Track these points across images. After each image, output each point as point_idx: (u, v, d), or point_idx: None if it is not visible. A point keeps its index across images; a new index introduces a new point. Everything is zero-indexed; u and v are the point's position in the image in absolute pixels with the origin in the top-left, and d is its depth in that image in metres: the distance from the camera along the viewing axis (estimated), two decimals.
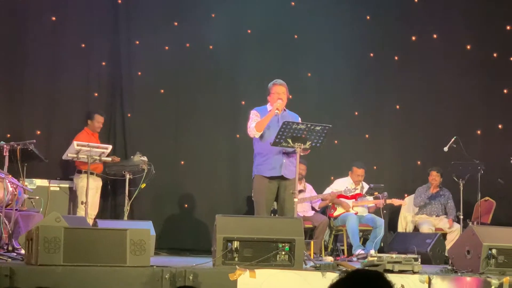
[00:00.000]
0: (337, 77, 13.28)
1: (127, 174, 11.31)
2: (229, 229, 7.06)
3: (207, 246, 9.77)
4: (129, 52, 12.66)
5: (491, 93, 13.63)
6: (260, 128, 8.74)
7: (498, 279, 7.20)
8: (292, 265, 7.00)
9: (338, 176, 12.07)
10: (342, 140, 13.14)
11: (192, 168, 12.68)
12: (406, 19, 13.70)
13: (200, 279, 6.47)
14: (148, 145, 12.19)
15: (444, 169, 12.30)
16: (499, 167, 11.87)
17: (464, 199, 11.80)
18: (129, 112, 12.58)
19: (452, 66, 13.57)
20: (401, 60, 13.69)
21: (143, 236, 6.68)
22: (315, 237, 11.14)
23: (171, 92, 12.82)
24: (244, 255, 6.97)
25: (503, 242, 7.83)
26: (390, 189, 11.94)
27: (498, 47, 13.70)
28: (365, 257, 9.04)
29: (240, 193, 12.65)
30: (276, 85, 8.97)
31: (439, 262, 10.50)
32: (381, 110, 13.61)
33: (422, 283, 6.99)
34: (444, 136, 12.19)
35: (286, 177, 8.71)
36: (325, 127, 8.39)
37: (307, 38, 13.32)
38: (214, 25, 12.83)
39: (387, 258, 7.20)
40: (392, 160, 13.56)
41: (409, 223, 12.56)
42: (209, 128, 12.78)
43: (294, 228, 7.23)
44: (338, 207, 11.67)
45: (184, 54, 12.86)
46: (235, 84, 13.10)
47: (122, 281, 6.33)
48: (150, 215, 11.46)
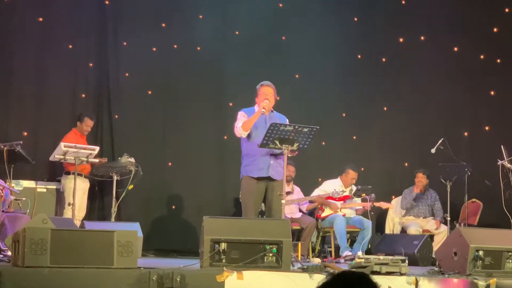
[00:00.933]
0: (325, 78, 13.29)
1: (115, 176, 11.28)
2: (217, 230, 7.06)
3: (194, 247, 9.76)
4: (117, 53, 12.63)
5: (478, 95, 13.67)
6: (246, 127, 8.74)
7: (485, 281, 7.22)
8: (280, 267, 7.00)
9: (326, 178, 12.08)
10: (330, 141, 13.15)
11: (180, 170, 12.66)
12: (394, 21, 13.72)
13: (187, 280, 6.46)
14: (135, 146, 12.16)
15: (431, 170, 12.33)
16: (486, 168, 11.89)
17: (451, 201, 11.82)
18: (117, 113, 12.55)
19: (439, 68, 13.61)
20: (389, 62, 13.72)
21: (130, 237, 6.67)
22: (302, 238, 11.14)
23: (159, 93, 12.80)
24: (231, 257, 6.96)
25: (490, 243, 7.85)
26: (378, 190, 11.96)
27: (485, 49, 13.74)
28: (353, 258, 9.06)
29: (227, 195, 12.64)
30: (264, 87, 8.98)
31: (426, 264, 10.51)
32: (369, 112, 13.62)
33: (409, 285, 6.99)
34: (431, 138, 12.21)
35: (273, 178, 8.71)
36: (312, 129, 8.40)
37: (295, 39, 13.33)
38: (201, 27, 12.82)
39: (374, 259, 7.21)
40: (380, 161, 13.58)
41: (397, 224, 12.58)
42: (197, 129, 12.76)
43: (281, 230, 7.23)
44: (326, 209, 11.67)
45: (171, 55, 12.84)
46: (223, 86, 13.09)
47: (109, 282, 6.31)
48: (138, 217, 11.43)
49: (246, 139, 8.85)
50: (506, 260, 7.86)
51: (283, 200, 8.39)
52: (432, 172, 12.33)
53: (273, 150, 8.58)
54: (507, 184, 10.14)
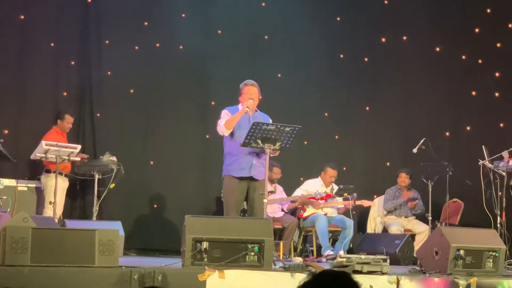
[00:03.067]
0: (307, 78, 13.31)
1: (96, 174, 11.24)
2: (199, 229, 7.05)
3: (176, 246, 9.74)
4: (99, 51, 12.59)
5: (460, 95, 13.72)
6: (229, 126, 8.72)
7: (465, 280, 7.25)
8: (261, 266, 7.00)
9: (308, 177, 12.09)
10: (312, 141, 13.15)
11: (162, 168, 12.64)
12: (376, 21, 13.75)
13: (169, 279, 6.45)
14: (117, 145, 12.14)
15: (413, 170, 12.37)
16: (467, 168, 11.94)
17: (433, 200, 11.87)
18: (99, 111, 12.52)
19: (422, 68, 13.64)
20: (371, 62, 13.74)
21: (111, 236, 6.66)
22: (284, 238, 11.14)
23: (141, 92, 12.77)
24: (213, 256, 6.96)
25: (470, 243, 7.89)
26: (360, 190, 11.99)
27: (467, 49, 13.79)
28: (334, 258, 9.07)
29: (209, 194, 12.63)
30: (247, 86, 8.96)
31: (407, 263, 10.55)
32: (351, 112, 13.65)
33: (390, 284, 7.01)
34: (413, 138, 12.24)
35: (256, 178, 8.70)
36: (294, 128, 8.40)
37: (278, 39, 13.34)
38: (184, 25, 12.80)
39: (356, 259, 7.23)
40: (362, 161, 13.60)
41: (378, 224, 12.61)
42: (179, 128, 12.75)
43: (263, 229, 7.23)
44: (307, 208, 11.68)
45: (154, 54, 12.81)
46: (205, 85, 13.07)
47: (90, 281, 6.30)
48: (119, 215, 11.41)
49: (229, 138, 8.83)
50: (487, 260, 7.90)
51: (265, 200, 8.38)
52: (413, 172, 12.37)
53: (256, 149, 8.58)
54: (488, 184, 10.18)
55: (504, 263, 8.39)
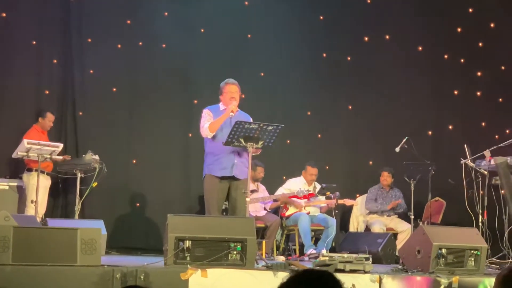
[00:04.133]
0: (290, 77, 13.31)
1: (78, 173, 11.22)
2: (181, 228, 7.04)
3: (158, 245, 9.69)
4: (81, 50, 12.56)
5: (442, 94, 13.76)
6: (213, 129, 8.70)
7: (447, 278, 7.28)
8: (244, 265, 7.00)
9: (290, 176, 12.09)
10: (295, 140, 13.16)
11: (144, 167, 12.61)
12: (359, 20, 13.78)
13: (151, 278, 6.43)
14: (99, 143, 12.09)
15: (395, 169, 12.40)
16: (450, 167, 11.98)
17: (415, 199, 11.91)
18: (81, 110, 12.49)
19: (404, 67, 13.68)
20: (354, 61, 13.76)
21: (94, 235, 6.63)
22: (267, 236, 11.13)
23: (124, 90, 12.75)
24: (195, 255, 6.95)
25: (452, 241, 7.92)
26: (342, 189, 12.01)
27: (449, 49, 13.84)
28: (317, 256, 9.08)
29: (192, 192, 12.61)
30: (228, 85, 8.94)
31: (390, 262, 10.58)
32: (334, 110, 13.66)
33: (373, 283, 7.03)
34: (395, 137, 12.27)
35: (237, 178, 8.69)
36: (277, 127, 8.40)
37: (260, 37, 13.34)
38: (167, 24, 12.78)
39: (338, 257, 7.23)
40: (344, 160, 13.62)
41: (361, 223, 12.64)
42: (161, 127, 12.73)
43: (246, 228, 7.23)
44: (290, 207, 11.68)
45: (136, 52, 12.79)
46: (188, 83, 13.06)
47: (72, 280, 6.27)
48: (102, 214, 11.39)
49: (210, 139, 8.82)
50: (468, 258, 7.94)
51: (248, 198, 8.38)
52: (396, 171, 12.40)
53: (237, 148, 8.57)
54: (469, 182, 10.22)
55: (486, 262, 8.42)
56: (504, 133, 12.54)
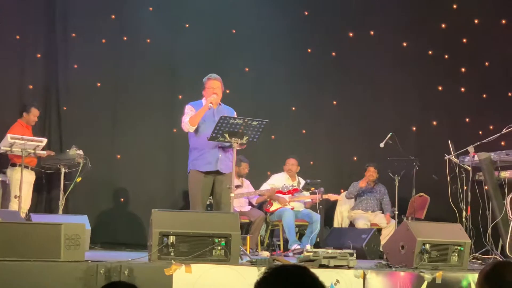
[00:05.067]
0: (275, 72, 13.30)
1: (62, 168, 11.18)
2: (165, 223, 7.02)
3: (143, 240, 9.72)
4: (66, 44, 12.53)
5: (426, 90, 13.80)
6: (194, 122, 8.70)
7: (431, 274, 7.29)
8: (228, 260, 7.00)
9: (275, 171, 12.10)
10: (279, 135, 13.17)
11: (129, 162, 12.60)
12: (344, 15, 13.79)
13: (135, 274, 6.42)
14: (84, 138, 12.06)
15: (380, 165, 12.43)
16: (434, 163, 11.99)
17: (399, 195, 11.94)
18: (65, 105, 12.46)
19: (389, 62, 13.70)
20: (339, 56, 13.78)
21: (78, 230, 6.60)
22: (251, 232, 11.14)
23: (108, 85, 12.72)
24: (180, 250, 6.94)
25: (436, 237, 7.93)
26: (327, 184, 12.01)
27: (433, 44, 13.88)
28: (301, 252, 9.09)
29: (176, 188, 12.61)
30: (210, 80, 8.93)
31: (374, 257, 10.60)
32: (318, 106, 13.68)
33: (357, 278, 7.03)
34: (380, 132, 12.29)
35: (222, 172, 8.70)
36: (262, 122, 8.39)
37: (245, 32, 13.33)
38: (151, 19, 12.77)
39: (322, 253, 7.23)
40: (329, 155, 13.65)
41: (345, 218, 12.66)
42: (146, 122, 12.71)
43: (230, 223, 7.22)
44: (274, 203, 11.69)
45: (121, 47, 12.78)
46: (172, 78, 13.05)
47: (56, 276, 6.24)
48: (86, 209, 11.33)
49: (194, 133, 8.80)
50: (452, 254, 7.95)
51: (232, 194, 8.38)
52: (380, 167, 12.43)
53: (221, 143, 8.57)
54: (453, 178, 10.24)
55: (469, 257, 8.45)
56: (488, 129, 12.57)
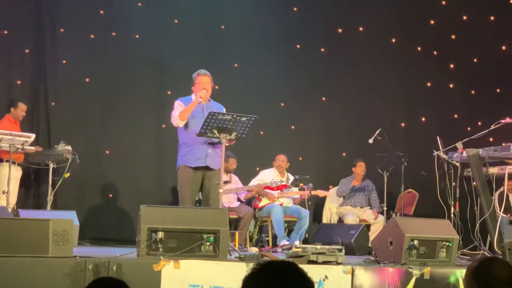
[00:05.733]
0: (264, 68, 13.30)
1: (51, 164, 11.14)
2: (154, 219, 7.01)
3: (131, 236, 9.67)
4: (54, 40, 12.50)
5: (415, 86, 13.82)
6: (183, 117, 8.70)
7: (419, 270, 7.30)
8: (217, 256, 6.99)
9: (264, 167, 12.10)
10: (268, 131, 13.18)
11: (117, 158, 12.58)
12: (333, 12, 13.79)
13: (124, 269, 6.40)
14: (72, 134, 12.03)
15: (368, 161, 12.44)
16: (422, 159, 12.02)
17: (388, 191, 11.95)
18: (53, 100, 12.43)
19: (377, 58, 13.71)
20: (327, 52, 13.79)
21: (66, 226, 6.58)
22: (240, 228, 11.13)
23: (97, 81, 12.70)
24: (168, 246, 6.92)
25: (424, 233, 7.94)
26: (316, 180, 12.03)
27: (422, 41, 13.90)
28: (290, 248, 9.08)
29: (165, 184, 12.60)
30: (200, 75, 8.95)
31: (362, 253, 10.62)
32: (307, 102, 13.68)
33: (345, 274, 7.04)
34: (369, 128, 12.30)
35: (211, 168, 8.70)
36: (251, 118, 8.39)
37: (234, 28, 13.32)
38: (140, 14, 12.75)
39: (311, 249, 7.23)
40: (318, 151, 13.66)
41: (334, 214, 12.67)
42: (135, 117, 12.70)
43: (219, 219, 7.21)
44: (263, 198, 11.69)
45: (110, 43, 12.75)
46: (161, 74, 13.03)
47: (44, 272, 6.22)
48: (74, 205, 11.33)
49: (183, 129, 8.82)
50: (440, 249, 7.97)
51: (221, 189, 8.38)
52: (369, 163, 12.44)
53: (211, 139, 8.57)
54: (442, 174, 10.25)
55: (457, 253, 8.46)
56: (477, 125, 12.60)
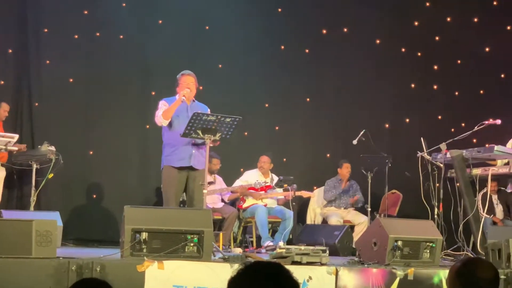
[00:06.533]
0: (248, 69, 13.31)
1: (34, 164, 11.09)
2: (138, 220, 7.00)
3: (115, 237, 9.68)
4: (38, 40, 12.44)
5: (399, 87, 13.86)
6: (167, 116, 8.70)
7: (403, 270, 7.32)
8: (201, 257, 6.98)
9: (248, 168, 12.09)
10: (252, 132, 13.17)
11: (101, 159, 12.55)
12: (318, 12, 13.81)
13: (107, 270, 6.39)
14: (56, 134, 11.99)
15: (352, 162, 12.46)
16: (406, 160, 12.04)
17: (372, 192, 11.97)
18: (37, 101, 12.38)
19: (362, 60, 13.74)
20: (312, 53, 13.80)
21: (49, 227, 6.56)
22: (224, 228, 11.13)
23: (80, 81, 12.66)
24: (152, 247, 6.91)
25: (408, 234, 7.97)
26: (300, 181, 12.03)
27: (406, 42, 13.95)
28: (274, 249, 9.08)
29: (149, 184, 12.57)
30: (184, 76, 8.96)
31: (346, 254, 10.63)
32: (292, 103, 13.70)
33: (329, 275, 7.04)
34: (353, 129, 12.32)
35: (195, 168, 8.70)
36: (235, 119, 8.40)
37: (219, 29, 13.31)
38: (125, 15, 12.72)
39: (295, 250, 7.23)
40: (302, 152, 13.67)
41: (318, 215, 12.68)
42: (119, 118, 12.66)
43: (203, 220, 7.21)
44: (247, 199, 11.68)
45: (94, 43, 12.71)
46: (145, 75, 13.00)
47: (27, 272, 6.20)
48: (58, 206, 11.30)
49: (168, 129, 8.81)
50: (424, 250, 8.00)
51: (205, 190, 8.37)
52: (353, 163, 12.46)
53: (195, 139, 8.57)
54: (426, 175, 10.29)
55: (441, 254, 8.49)
56: (460, 126, 12.66)
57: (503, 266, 7.76)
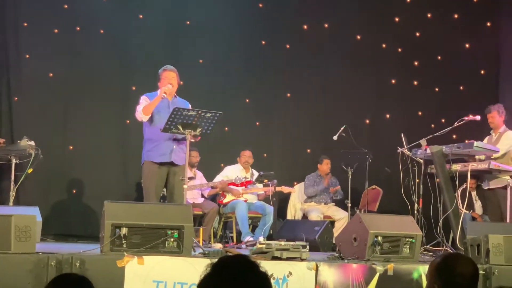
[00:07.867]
0: (229, 64, 13.31)
1: (13, 159, 11.02)
2: (118, 215, 6.97)
3: (95, 232, 9.64)
4: (17, 34, 12.35)
5: (380, 83, 13.90)
6: (147, 111, 8.69)
7: (383, 266, 7.35)
8: (181, 252, 6.97)
9: (229, 163, 12.09)
10: (233, 127, 13.16)
11: (81, 153, 12.49)
12: (298, 8, 13.81)
13: (87, 266, 6.36)
14: (35, 129, 11.90)
15: (333, 157, 12.48)
16: (386, 156, 12.07)
17: (352, 187, 12.00)
18: (16, 95, 12.30)
19: (342, 55, 13.77)
20: (293, 49, 13.80)
21: (28, 222, 6.52)
22: (204, 224, 11.12)
23: (60, 75, 12.58)
24: (132, 242, 6.89)
25: (388, 229, 7.98)
26: (280, 176, 12.03)
27: (386, 38, 13.99)
28: (254, 244, 9.10)
29: (129, 179, 12.54)
30: (166, 71, 8.95)
31: (326, 249, 10.65)
32: (272, 98, 13.70)
33: (309, 270, 7.05)
34: (333, 125, 12.33)
35: (176, 163, 8.69)
36: (215, 114, 8.39)
37: (199, 24, 13.28)
38: (105, 9, 12.66)
39: (275, 245, 7.24)
40: (282, 147, 13.68)
41: (298, 210, 12.69)
42: (99, 113, 12.61)
43: (183, 215, 7.20)
44: (227, 194, 11.68)
45: (74, 37, 12.64)
46: (126, 69, 12.95)
47: (6, 268, 6.17)
48: (37, 201, 11.23)
49: (148, 124, 8.80)
50: (404, 246, 8.01)
51: (185, 185, 8.37)
52: (334, 159, 12.48)
53: (176, 135, 8.56)
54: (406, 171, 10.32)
55: (420, 249, 8.52)
56: (440, 122, 12.69)
57: (482, 262, 7.80)
